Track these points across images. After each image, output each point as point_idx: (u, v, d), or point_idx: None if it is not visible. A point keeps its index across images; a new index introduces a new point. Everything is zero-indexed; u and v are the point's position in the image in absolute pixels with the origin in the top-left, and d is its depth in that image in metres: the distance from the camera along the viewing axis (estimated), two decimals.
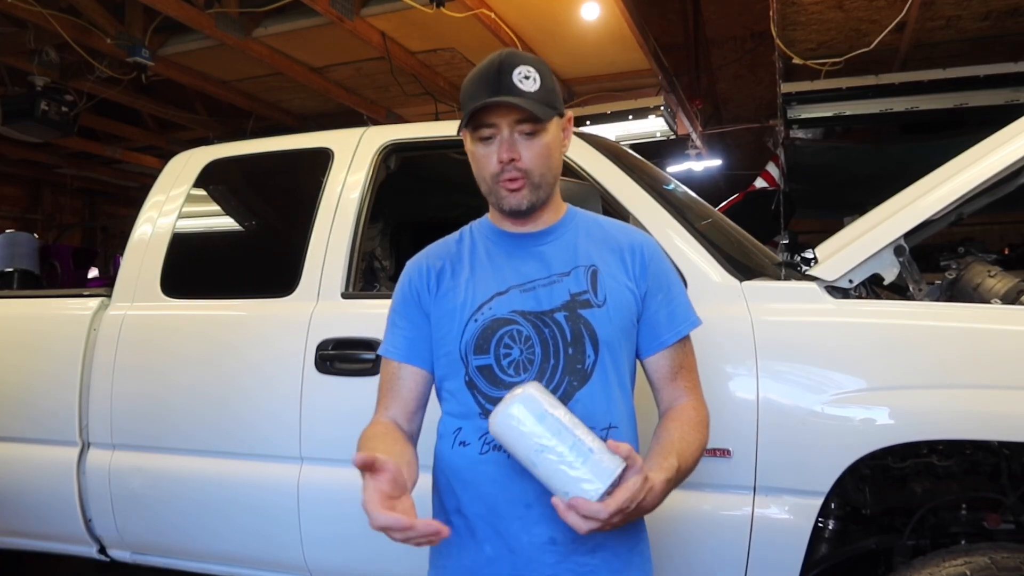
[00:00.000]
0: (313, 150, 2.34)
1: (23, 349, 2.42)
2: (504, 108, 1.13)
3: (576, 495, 0.97)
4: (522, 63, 1.14)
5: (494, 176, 1.16)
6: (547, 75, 1.16)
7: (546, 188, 1.19)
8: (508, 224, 1.24)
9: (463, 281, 1.21)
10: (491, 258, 1.23)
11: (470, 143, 1.20)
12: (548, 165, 1.18)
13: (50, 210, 10.01)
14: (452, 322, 1.19)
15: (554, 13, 4.85)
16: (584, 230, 1.25)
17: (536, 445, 0.98)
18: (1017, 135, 1.71)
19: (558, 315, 1.16)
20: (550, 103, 1.16)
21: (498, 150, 1.14)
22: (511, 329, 1.16)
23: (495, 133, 1.15)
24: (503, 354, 1.15)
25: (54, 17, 4.43)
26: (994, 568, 1.43)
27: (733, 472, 1.65)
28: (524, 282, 1.19)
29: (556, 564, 1.13)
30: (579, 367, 1.15)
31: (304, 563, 2.03)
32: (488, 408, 1.14)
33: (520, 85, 1.12)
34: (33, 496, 2.34)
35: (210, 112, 7.02)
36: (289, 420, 2.00)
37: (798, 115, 5.06)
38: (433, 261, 1.25)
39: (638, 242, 1.25)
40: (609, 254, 1.22)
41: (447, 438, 1.20)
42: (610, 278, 1.19)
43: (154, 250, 2.35)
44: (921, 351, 1.59)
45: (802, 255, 1.85)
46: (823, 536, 1.71)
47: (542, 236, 1.23)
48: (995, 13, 4.34)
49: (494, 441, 1.11)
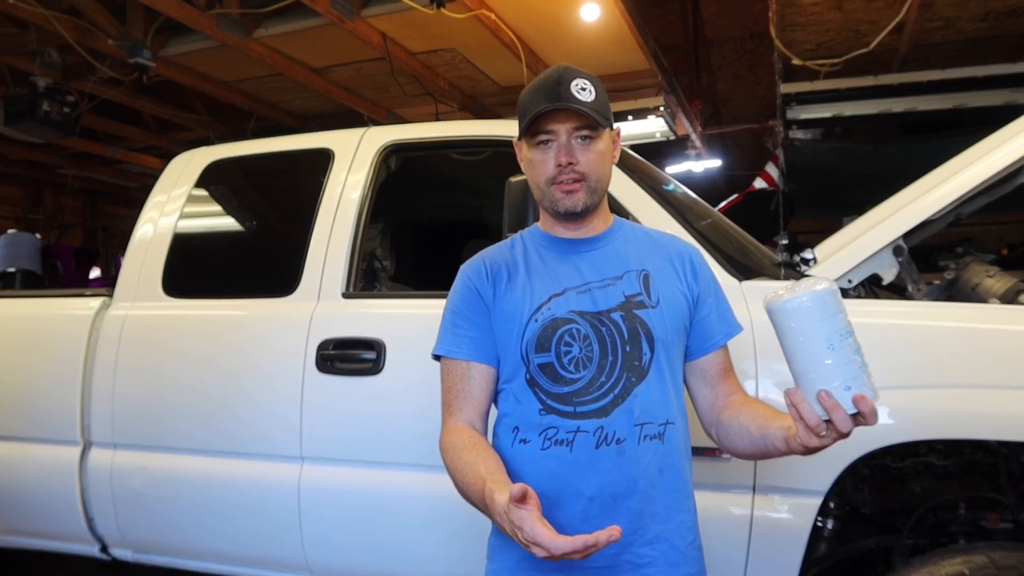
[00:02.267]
0: (314, 150, 2.35)
1: (25, 349, 2.43)
2: (563, 115, 1.19)
3: (859, 391, 0.97)
4: (579, 76, 1.22)
5: (550, 179, 1.22)
6: (601, 90, 1.24)
7: (600, 193, 1.25)
8: (560, 230, 1.29)
9: (520, 284, 1.25)
10: (545, 262, 1.27)
11: (526, 150, 1.26)
12: (603, 171, 1.24)
13: (51, 210, 10.02)
14: (512, 323, 1.22)
15: (554, 14, 4.85)
16: (632, 238, 1.31)
17: (843, 329, 0.98)
18: (1016, 135, 1.72)
19: (615, 315, 1.20)
20: (604, 114, 1.22)
21: (556, 154, 1.21)
22: (570, 328, 1.20)
23: (553, 139, 1.21)
24: (563, 352, 1.19)
25: (56, 18, 4.44)
26: (993, 567, 1.43)
27: (732, 472, 1.66)
28: (579, 284, 1.23)
29: (616, 555, 1.15)
30: (636, 364, 1.19)
31: (305, 562, 2.04)
32: (550, 404, 1.19)
33: (578, 95, 1.19)
34: (35, 495, 2.34)
35: (211, 113, 7.02)
36: (290, 420, 2.01)
37: (797, 115, 5.07)
38: (490, 263, 1.29)
39: (686, 249, 1.32)
40: (659, 260, 1.28)
41: (506, 436, 1.23)
42: (662, 282, 1.25)
43: (155, 250, 2.35)
44: (920, 351, 1.60)
45: (801, 255, 1.85)
46: (822, 535, 1.72)
47: (593, 242, 1.28)
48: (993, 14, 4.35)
49: (556, 436, 1.17)
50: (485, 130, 2.28)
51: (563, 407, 1.18)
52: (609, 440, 1.16)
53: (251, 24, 4.88)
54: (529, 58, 5.33)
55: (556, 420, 1.18)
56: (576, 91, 1.19)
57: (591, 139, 1.21)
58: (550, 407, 1.19)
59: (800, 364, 1.00)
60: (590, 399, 1.18)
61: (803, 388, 1.01)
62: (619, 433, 1.16)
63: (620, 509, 1.16)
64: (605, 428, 1.16)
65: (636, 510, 1.17)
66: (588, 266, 1.25)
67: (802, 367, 1.00)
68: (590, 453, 1.16)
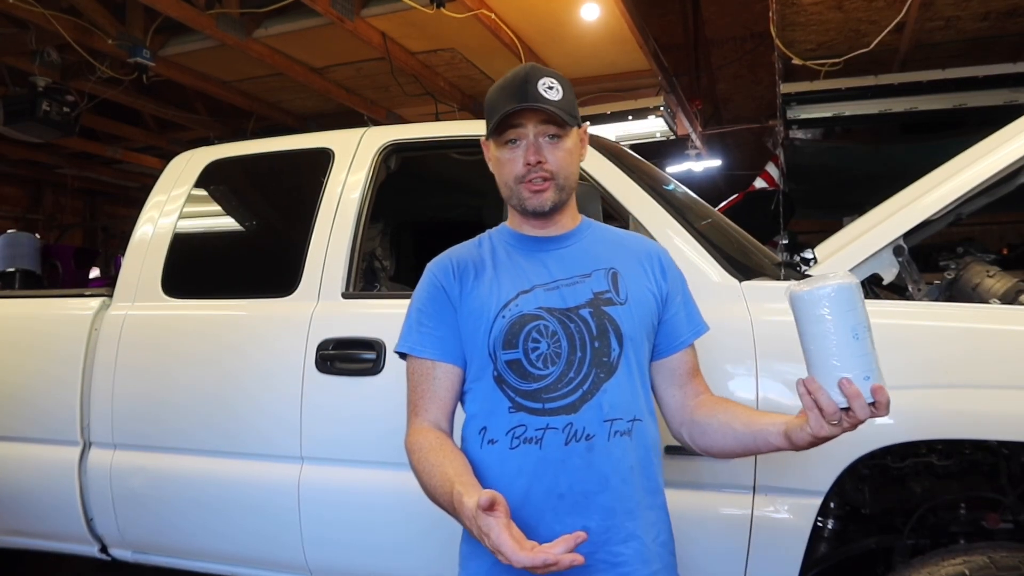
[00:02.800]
0: (314, 150, 2.34)
1: (25, 349, 2.43)
2: (531, 113, 1.20)
3: (877, 381, 1.00)
4: (546, 75, 1.22)
5: (518, 178, 1.22)
6: (568, 88, 1.24)
7: (568, 191, 1.25)
8: (528, 227, 1.29)
9: (487, 281, 1.25)
10: (512, 259, 1.27)
11: (494, 149, 1.26)
12: (570, 169, 1.25)
13: (51, 210, 10.02)
14: (479, 320, 1.22)
15: (554, 13, 4.85)
16: (601, 237, 1.32)
17: (866, 321, 1.01)
18: (1016, 135, 1.72)
19: (583, 311, 1.20)
20: (571, 113, 1.23)
21: (524, 153, 1.21)
22: (538, 324, 1.19)
23: (521, 136, 1.21)
24: (531, 348, 1.19)
25: (55, 18, 4.44)
26: (993, 567, 1.43)
27: (732, 472, 1.66)
28: (547, 281, 1.23)
29: (590, 554, 1.13)
30: (605, 360, 1.19)
31: (305, 563, 2.04)
32: (518, 401, 1.18)
33: (545, 94, 1.19)
34: (35, 495, 2.34)
35: (211, 112, 7.02)
36: (290, 420, 2.01)
37: (798, 115, 5.07)
38: (457, 261, 1.28)
39: (654, 249, 1.33)
40: (628, 259, 1.28)
41: (473, 439, 1.22)
42: (631, 280, 1.25)
43: (155, 250, 2.35)
44: (920, 351, 1.60)
45: (801, 255, 1.85)
46: (822, 536, 1.72)
47: (561, 240, 1.28)
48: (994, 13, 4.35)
49: (524, 434, 1.16)
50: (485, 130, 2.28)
51: (532, 404, 1.18)
52: (579, 436, 1.16)
53: (251, 24, 4.88)
54: (529, 58, 5.33)
55: (525, 417, 1.17)
56: (543, 90, 1.19)
57: (559, 138, 1.22)
58: (519, 404, 1.18)
59: (823, 352, 1.02)
60: (559, 395, 1.17)
61: (820, 376, 1.02)
62: (588, 429, 1.16)
63: (592, 506, 1.16)
64: (574, 424, 1.16)
65: (608, 507, 1.16)
66: (556, 264, 1.25)
67: (824, 355, 1.02)
68: (560, 450, 1.16)
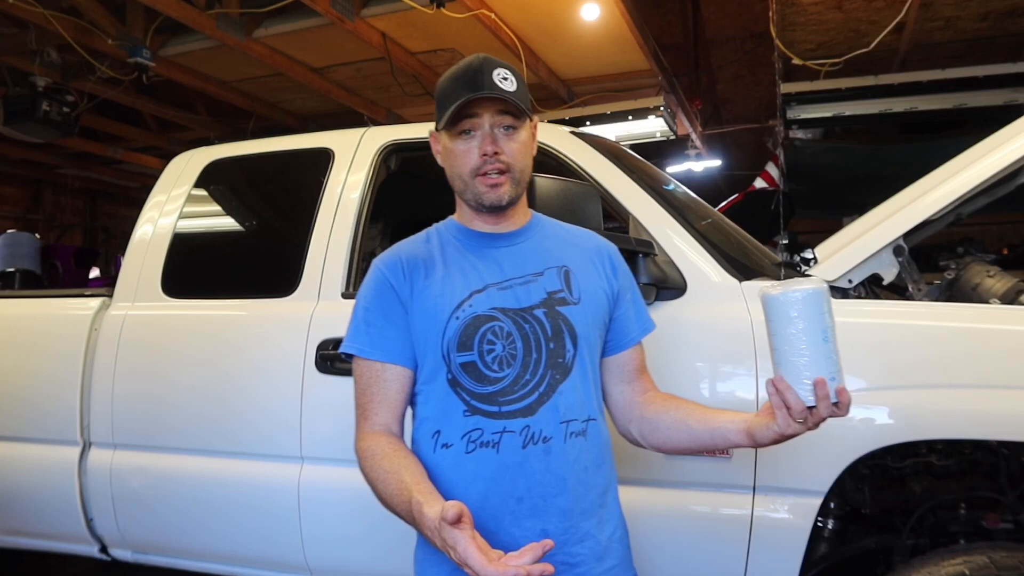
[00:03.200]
0: (314, 150, 2.34)
1: (25, 349, 2.43)
2: (487, 103, 1.16)
3: (840, 383, 1.04)
4: (500, 66, 1.19)
5: (474, 171, 1.18)
6: (522, 81, 1.22)
7: (522, 185, 1.22)
8: (479, 223, 1.25)
9: (439, 280, 1.21)
10: (464, 257, 1.23)
11: (447, 140, 1.22)
12: (525, 162, 1.22)
13: (51, 210, 10.02)
14: (432, 321, 1.18)
15: (554, 13, 4.85)
16: (551, 234, 1.30)
17: (832, 326, 1.04)
18: (1016, 135, 1.72)
19: (537, 311, 1.18)
20: (526, 104, 1.21)
21: (480, 144, 1.17)
22: (493, 325, 1.17)
23: (476, 127, 1.18)
24: (486, 350, 1.16)
25: (55, 18, 4.44)
26: (993, 567, 1.43)
27: (732, 472, 1.66)
28: (500, 280, 1.20)
29: (548, 556, 1.13)
30: (560, 361, 1.18)
31: (305, 563, 2.04)
32: (474, 404, 1.15)
33: (501, 84, 1.16)
34: (35, 495, 2.34)
35: (211, 112, 7.02)
36: (290, 420, 2.01)
37: (798, 115, 5.07)
38: (406, 258, 1.24)
39: (604, 246, 1.32)
40: (579, 256, 1.27)
41: (426, 443, 1.19)
42: (583, 278, 1.24)
43: (155, 250, 2.35)
44: (920, 351, 1.60)
45: (802, 255, 1.85)
46: (822, 536, 1.72)
47: (513, 236, 1.25)
48: (994, 14, 4.35)
49: (481, 438, 1.14)
50: None
51: (488, 407, 1.15)
52: (536, 439, 1.14)
53: (251, 24, 4.88)
54: (529, 58, 5.32)
55: (481, 421, 1.15)
56: (498, 80, 1.16)
57: (515, 129, 1.19)
58: (475, 408, 1.15)
59: (793, 353, 1.05)
60: (515, 398, 1.15)
61: (789, 376, 1.05)
62: (546, 432, 1.15)
63: (550, 509, 1.15)
64: (531, 427, 1.14)
65: (566, 509, 1.16)
66: (509, 261, 1.22)
67: (794, 356, 1.05)
68: (517, 453, 1.14)
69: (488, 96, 1.15)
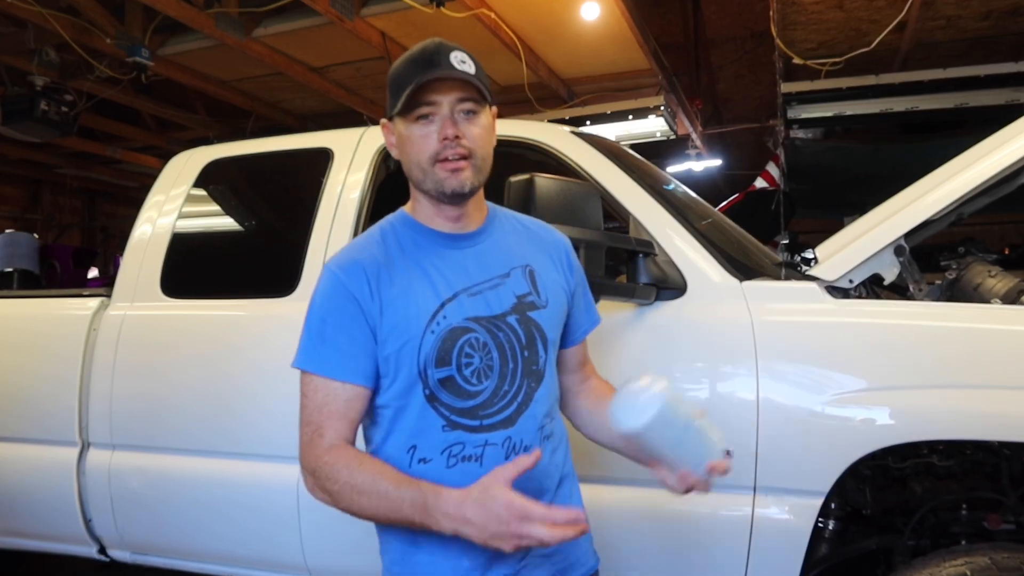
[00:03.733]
0: (313, 150, 2.34)
1: (23, 349, 2.42)
2: (446, 86, 1.09)
3: (712, 459, 1.08)
4: (457, 49, 1.12)
5: (433, 156, 1.10)
6: (479, 66, 1.14)
7: (484, 173, 1.15)
8: (440, 221, 1.17)
9: (404, 288, 1.12)
10: (427, 260, 1.15)
11: (401, 127, 1.13)
12: (487, 149, 1.14)
13: (50, 210, 10.01)
14: (404, 336, 1.11)
15: (554, 13, 4.85)
16: (510, 228, 1.24)
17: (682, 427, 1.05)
18: (1017, 135, 1.71)
19: (510, 318, 1.15)
20: (488, 89, 1.14)
21: (440, 128, 1.09)
22: (469, 337, 1.12)
23: (434, 112, 1.10)
24: (464, 363, 1.12)
25: (54, 17, 4.43)
26: (994, 568, 1.43)
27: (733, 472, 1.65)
28: (469, 285, 1.14)
29: (525, 555, 1.14)
30: (535, 368, 1.16)
31: (304, 563, 2.03)
32: (454, 419, 1.11)
33: (459, 66, 1.09)
34: (33, 496, 2.34)
35: (210, 112, 7.02)
36: (289, 420, 1.99)
37: (798, 115, 5.07)
38: (367, 265, 1.13)
39: (559, 240, 1.29)
40: (539, 252, 1.23)
41: (400, 458, 1.12)
42: (546, 277, 1.21)
43: (154, 250, 2.35)
44: (921, 351, 1.59)
45: (802, 255, 1.85)
46: (823, 536, 1.71)
47: (475, 236, 1.19)
48: (995, 13, 4.35)
49: (462, 452, 1.11)
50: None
51: (469, 421, 1.11)
52: (517, 449, 1.12)
53: (250, 23, 4.88)
54: (529, 57, 5.32)
55: (462, 435, 1.11)
56: (457, 63, 1.09)
57: (475, 114, 1.11)
58: (455, 423, 1.11)
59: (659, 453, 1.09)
60: (495, 410, 1.12)
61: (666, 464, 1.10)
62: (526, 441, 1.13)
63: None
64: (512, 438, 1.12)
65: None
66: (474, 263, 1.16)
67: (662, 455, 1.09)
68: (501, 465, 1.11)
69: (447, 76, 1.08)
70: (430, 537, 1.07)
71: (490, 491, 0.98)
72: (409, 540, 1.13)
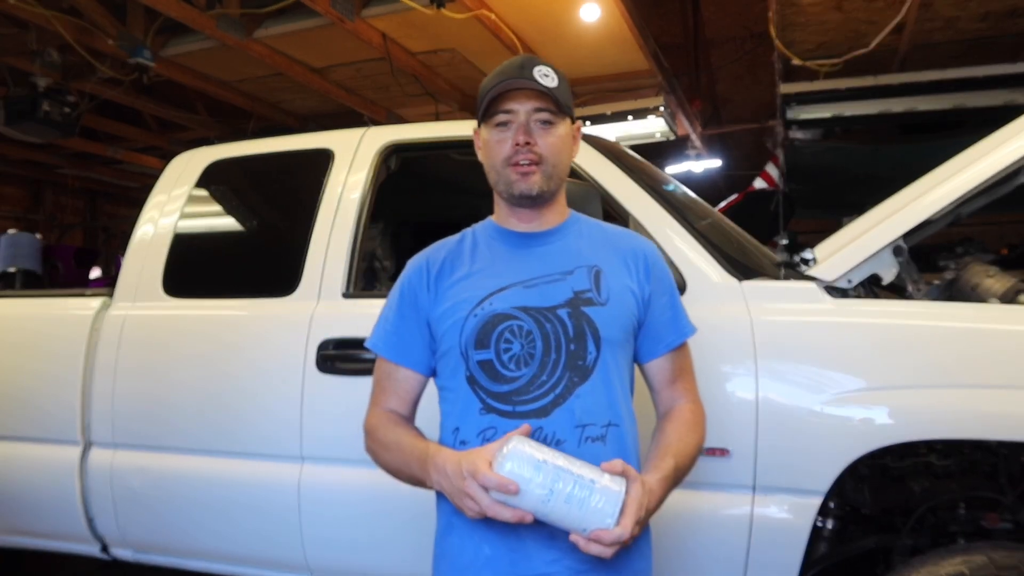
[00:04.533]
0: (314, 150, 2.35)
1: (26, 349, 2.43)
2: (524, 95, 1.18)
3: (594, 527, 1.01)
4: (543, 64, 1.20)
5: (506, 160, 1.18)
6: (564, 81, 1.22)
7: (556, 180, 1.22)
8: (514, 222, 1.26)
9: (462, 278, 1.22)
10: (494, 255, 1.24)
11: (484, 132, 1.23)
12: (560, 158, 1.21)
13: (52, 210, 10.02)
14: (452, 319, 1.20)
15: (554, 14, 4.85)
16: (587, 233, 1.28)
17: (542, 495, 1.00)
18: (1015, 135, 1.72)
19: (561, 311, 1.17)
20: (566, 102, 1.21)
21: (514, 134, 1.18)
22: (511, 324, 1.17)
23: (511, 120, 1.18)
24: (503, 348, 1.16)
25: (56, 18, 4.44)
26: (992, 567, 1.44)
27: (732, 472, 1.66)
28: (526, 279, 1.20)
29: (554, 562, 1.14)
30: (580, 363, 1.16)
31: (305, 562, 2.04)
32: (489, 403, 1.16)
33: (541, 80, 1.17)
34: (36, 495, 2.34)
35: (211, 113, 7.02)
36: (290, 420, 2.01)
37: (797, 116, 5.07)
38: (432, 260, 1.26)
39: (640, 247, 1.28)
40: (613, 256, 1.24)
41: (447, 438, 1.21)
42: (614, 279, 1.21)
43: (156, 250, 2.35)
44: (920, 351, 1.60)
45: (801, 255, 1.86)
46: (822, 535, 1.72)
47: (546, 236, 1.25)
48: (993, 14, 4.35)
49: (493, 437, 1.14)
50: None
51: (502, 406, 1.15)
52: (548, 441, 1.13)
53: (251, 24, 4.88)
54: None
55: (496, 420, 1.15)
56: (539, 76, 1.18)
57: (551, 124, 1.19)
58: (490, 406, 1.16)
59: None
60: (530, 398, 1.15)
61: None
62: (559, 434, 1.13)
63: None
64: (544, 429, 1.13)
65: None
66: (538, 261, 1.22)
67: None
68: None
69: (523, 87, 1.16)
70: (462, 522, 1.14)
71: (469, 455, 1.05)
72: (446, 523, 1.20)
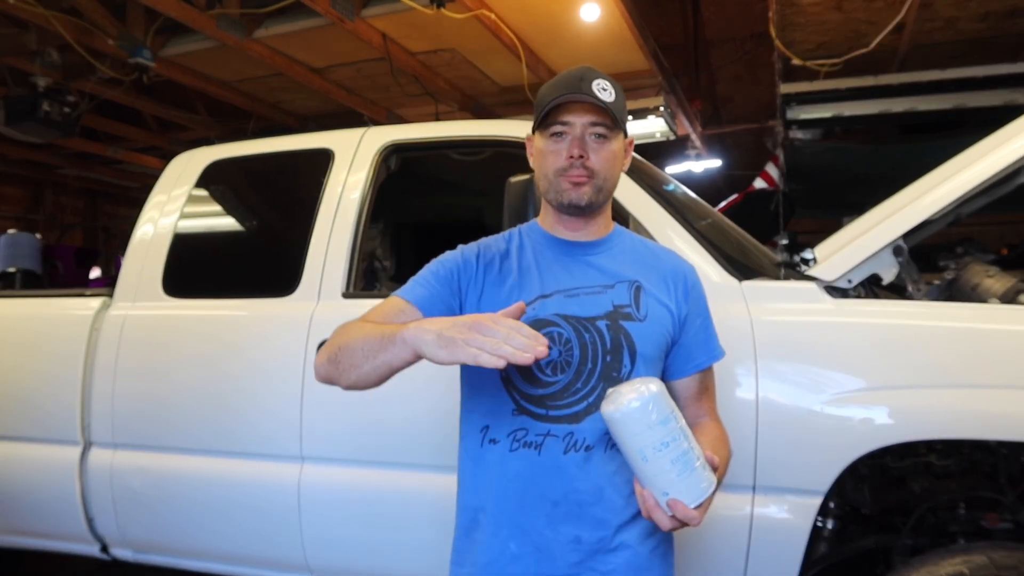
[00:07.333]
0: (314, 151, 2.35)
1: (26, 349, 2.43)
2: (581, 108, 1.19)
3: (676, 497, 1.01)
4: (602, 77, 1.21)
5: (559, 170, 1.20)
6: (621, 95, 1.23)
7: (605, 193, 1.24)
8: (561, 229, 1.27)
9: (509, 281, 1.23)
10: (539, 261, 1.25)
11: (539, 140, 1.24)
12: (612, 172, 1.23)
13: (52, 210, 10.02)
14: None
15: (554, 14, 4.85)
16: (630, 248, 1.30)
17: (657, 442, 1.01)
18: (1015, 135, 1.72)
19: (600, 323, 1.19)
20: (621, 117, 1.22)
21: (569, 146, 1.19)
22: (552, 331, 1.18)
23: (567, 131, 1.20)
24: None
25: (56, 18, 4.44)
26: (992, 567, 1.44)
27: (732, 472, 1.65)
28: (569, 288, 1.22)
29: (579, 563, 1.15)
30: (615, 375, 1.18)
31: (305, 562, 2.04)
32: (523, 405, 1.17)
33: (599, 94, 1.18)
34: (35, 495, 2.34)
35: (211, 113, 7.02)
36: (290, 420, 2.01)
37: (797, 116, 5.07)
38: (483, 252, 1.27)
39: (681, 267, 1.30)
40: (653, 274, 1.26)
41: (473, 436, 1.22)
42: (652, 297, 1.23)
43: (156, 250, 2.35)
44: (920, 351, 1.60)
45: (801, 255, 1.86)
46: (822, 535, 1.72)
47: (592, 247, 1.27)
48: (993, 14, 4.35)
49: (525, 438, 1.15)
50: (485, 130, 2.29)
51: (536, 409, 1.17)
52: (578, 447, 1.15)
53: (251, 24, 4.88)
54: (529, 58, 5.33)
55: (527, 421, 1.17)
56: (598, 90, 1.18)
57: (605, 138, 1.20)
58: (523, 407, 1.17)
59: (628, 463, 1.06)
60: (564, 404, 1.17)
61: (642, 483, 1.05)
62: (588, 440, 1.16)
63: (585, 516, 1.16)
64: (575, 434, 1.15)
65: (601, 518, 1.16)
66: (582, 271, 1.24)
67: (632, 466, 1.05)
68: (557, 458, 1.16)
69: (582, 100, 1.17)
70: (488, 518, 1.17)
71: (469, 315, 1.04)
72: (471, 519, 1.22)
